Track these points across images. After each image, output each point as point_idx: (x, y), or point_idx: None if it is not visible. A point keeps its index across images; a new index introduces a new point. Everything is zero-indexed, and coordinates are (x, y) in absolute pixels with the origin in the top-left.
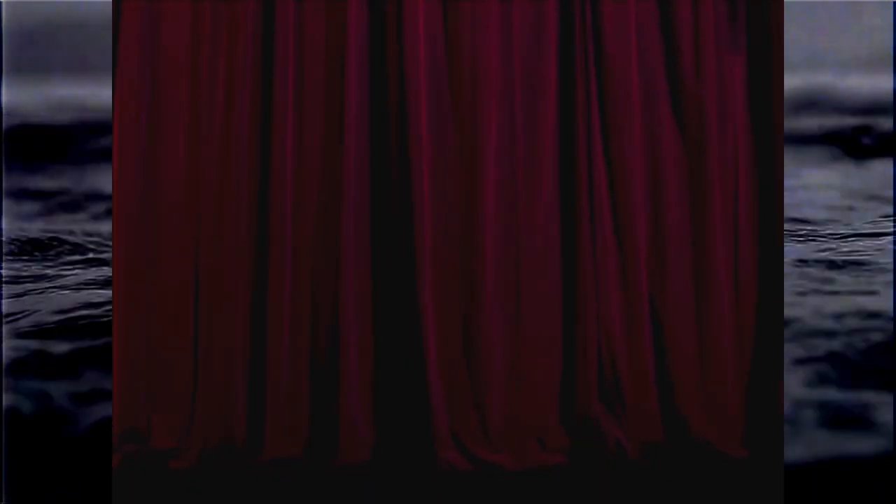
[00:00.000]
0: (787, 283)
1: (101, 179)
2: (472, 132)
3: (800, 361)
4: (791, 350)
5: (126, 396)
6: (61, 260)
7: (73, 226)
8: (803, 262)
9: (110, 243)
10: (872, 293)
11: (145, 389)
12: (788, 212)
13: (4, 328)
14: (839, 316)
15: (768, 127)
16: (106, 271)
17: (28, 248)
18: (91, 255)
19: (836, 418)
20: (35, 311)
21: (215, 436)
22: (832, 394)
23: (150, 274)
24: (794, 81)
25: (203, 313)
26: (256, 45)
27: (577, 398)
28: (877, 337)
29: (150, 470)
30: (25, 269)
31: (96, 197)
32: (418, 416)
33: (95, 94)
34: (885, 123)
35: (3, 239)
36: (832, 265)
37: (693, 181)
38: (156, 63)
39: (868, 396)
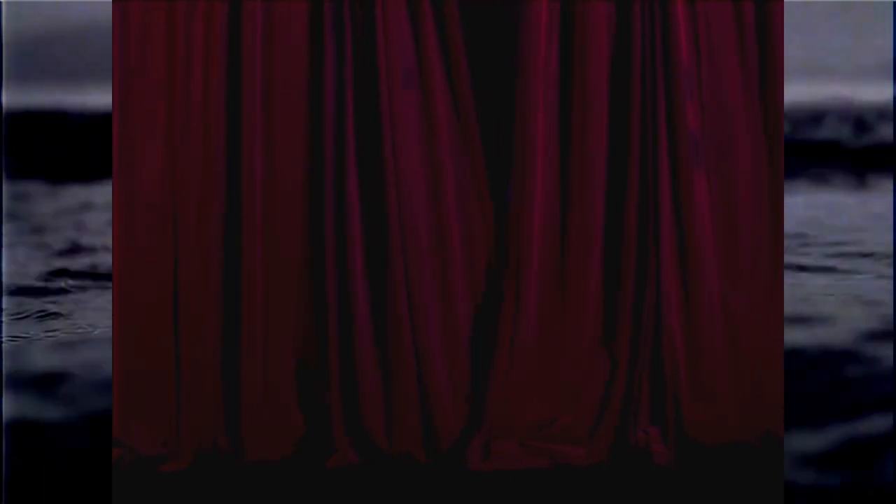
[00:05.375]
0: None
1: None
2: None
3: None
4: None
5: (118, 402)
6: None
7: None
8: None
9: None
10: None
11: (131, 395)
12: None
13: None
14: None
15: (776, 133)
16: None
17: None
18: None
19: None
20: None
21: (206, 441)
22: None
23: (136, 280)
24: None
25: (182, 319)
26: (226, 45)
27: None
28: None
29: (141, 474)
30: None
31: None
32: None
33: None
34: None
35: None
36: None
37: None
38: (133, 68)
39: None
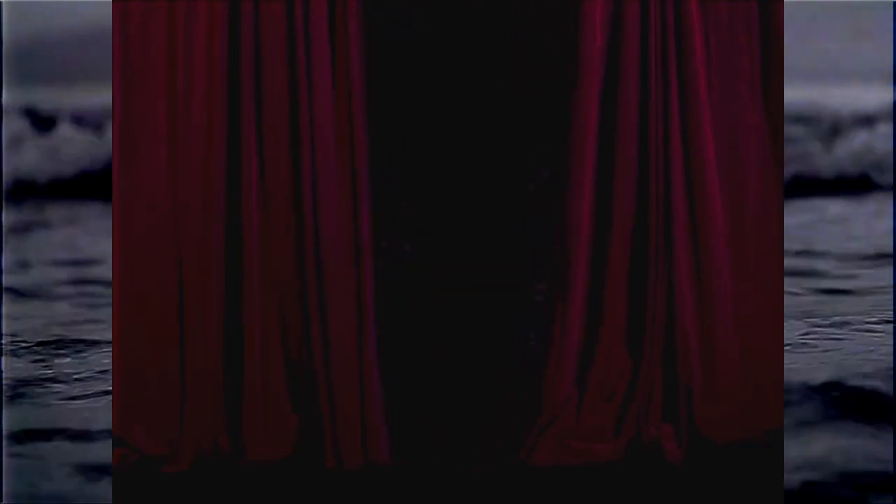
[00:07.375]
0: None
1: None
2: None
3: None
4: None
5: (118, 402)
6: None
7: None
8: None
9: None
10: None
11: (133, 395)
12: None
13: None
14: None
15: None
16: None
17: None
18: None
19: None
20: None
21: (207, 441)
22: None
23: (137, 281)
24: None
25: (184, 319)
26: (226, 50)
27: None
28: None
29: (143, 474)
30: None
31: None
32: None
33: None
34: None
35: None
36: None
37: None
38: (134, 69)
39: None
